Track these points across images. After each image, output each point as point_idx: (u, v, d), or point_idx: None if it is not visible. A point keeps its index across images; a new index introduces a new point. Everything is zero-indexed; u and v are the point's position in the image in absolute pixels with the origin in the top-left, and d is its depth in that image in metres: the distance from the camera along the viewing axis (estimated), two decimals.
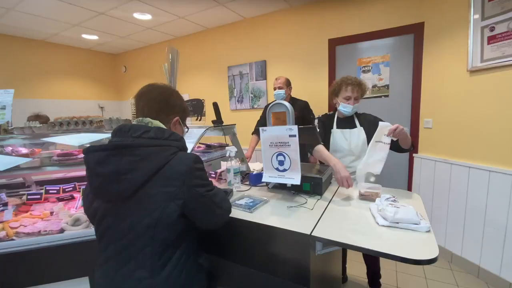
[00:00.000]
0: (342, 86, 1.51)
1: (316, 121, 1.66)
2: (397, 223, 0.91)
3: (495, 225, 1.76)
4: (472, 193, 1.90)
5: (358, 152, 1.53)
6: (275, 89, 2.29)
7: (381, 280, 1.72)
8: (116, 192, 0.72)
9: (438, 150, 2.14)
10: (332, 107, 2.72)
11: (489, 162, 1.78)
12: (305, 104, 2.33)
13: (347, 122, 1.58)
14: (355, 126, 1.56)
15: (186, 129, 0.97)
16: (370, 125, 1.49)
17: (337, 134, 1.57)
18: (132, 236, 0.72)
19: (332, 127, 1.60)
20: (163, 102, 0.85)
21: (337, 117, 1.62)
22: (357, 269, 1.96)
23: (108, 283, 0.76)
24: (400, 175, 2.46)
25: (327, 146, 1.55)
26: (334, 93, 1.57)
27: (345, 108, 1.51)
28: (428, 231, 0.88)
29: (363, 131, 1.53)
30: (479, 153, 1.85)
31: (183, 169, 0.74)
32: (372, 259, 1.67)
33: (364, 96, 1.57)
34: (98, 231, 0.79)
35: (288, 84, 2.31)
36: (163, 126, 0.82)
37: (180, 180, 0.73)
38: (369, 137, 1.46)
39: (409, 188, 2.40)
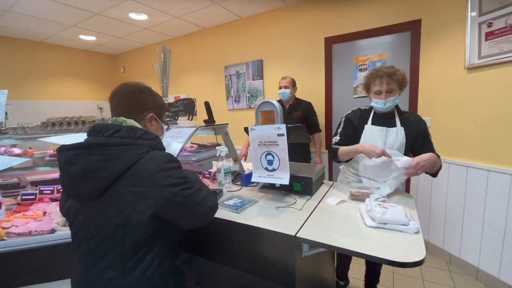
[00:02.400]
0: (371, 80, 1.32)
1: (343, 119, 1.46)
2: (385, 224, 0.89)
3: (494, 226, 1.72)
4: (470, 193, 1.86)
5: None
6: (280, 88, 2.30)
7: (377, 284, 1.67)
8: (85, 192, 0.71)
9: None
10: (330, 108, 2.72)
11: (487, 161, 1.75)
12: (309, 105, 2.40)
13: (385, 119, 1.35)
14: (394, 125, 1.33)
15: (166, 126, 0.94)
16: (412, 126, 1.31)
17: (371, 131, 1.35)
18: (102, 236, 0.71)
19: (366, 123, 1.38)
20: (134, 100, 0.83)
21: (374, 113, 1.40)
22: (353, 270, 1.94)
23: (80, 283, 0.75)
24: None
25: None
26: (365, 88, 1.38)
27: (377, 104, 1.31)
28: (417, 232, 0.86)
29: (403, 132, 1.31)
30: (478, 152, 1.81)
31: (152, 168, 0.72)
32: (374, 262, 1.59)
33: (361, 95, 1.46)
34: (72, 230, 0.79)
35: (293, 84, 2.35)
36: (138, 125, 0.80)
37: (149, 179, 0.71)
38: (408, 141, 1.31)
39: (407, 188, 2.36)
